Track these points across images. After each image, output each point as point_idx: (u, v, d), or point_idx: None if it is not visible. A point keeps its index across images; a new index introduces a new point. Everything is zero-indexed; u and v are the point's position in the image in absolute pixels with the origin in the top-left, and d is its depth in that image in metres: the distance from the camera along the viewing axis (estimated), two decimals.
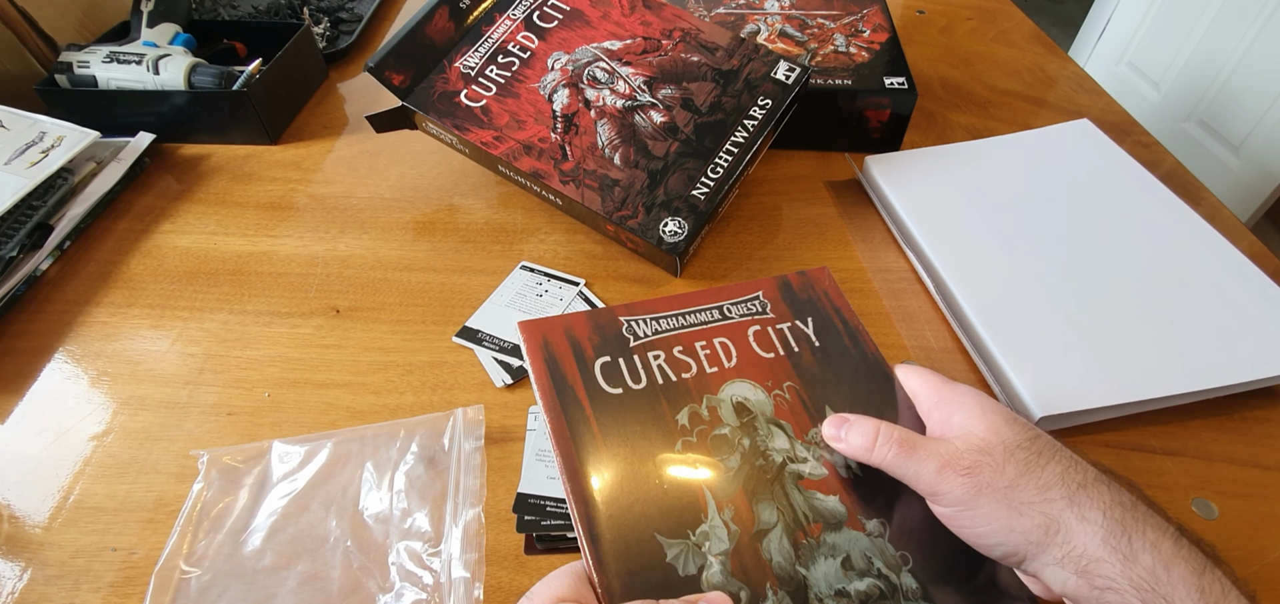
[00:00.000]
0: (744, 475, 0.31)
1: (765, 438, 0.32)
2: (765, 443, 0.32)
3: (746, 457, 0.31)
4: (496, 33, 0.61)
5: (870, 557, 0.29)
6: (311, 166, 0.67)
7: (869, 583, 0.29)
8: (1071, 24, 2.19)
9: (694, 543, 0.29)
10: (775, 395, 0.34)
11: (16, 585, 0.38)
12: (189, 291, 0.54)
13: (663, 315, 0.36)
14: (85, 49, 0.67)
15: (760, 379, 0.34)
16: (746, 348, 0.35)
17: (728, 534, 0.29)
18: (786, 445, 0.32)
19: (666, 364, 0.34)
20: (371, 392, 0.47)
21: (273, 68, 0.69)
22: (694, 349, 0.35)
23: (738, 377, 0.34)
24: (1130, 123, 0.74)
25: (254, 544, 0.38)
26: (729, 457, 0.31)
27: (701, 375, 0.34)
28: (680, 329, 0.35)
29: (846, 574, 0.29)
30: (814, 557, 0.29)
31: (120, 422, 0.45)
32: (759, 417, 0.33)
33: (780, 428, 0.33)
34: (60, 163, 0.58)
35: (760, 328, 0.36)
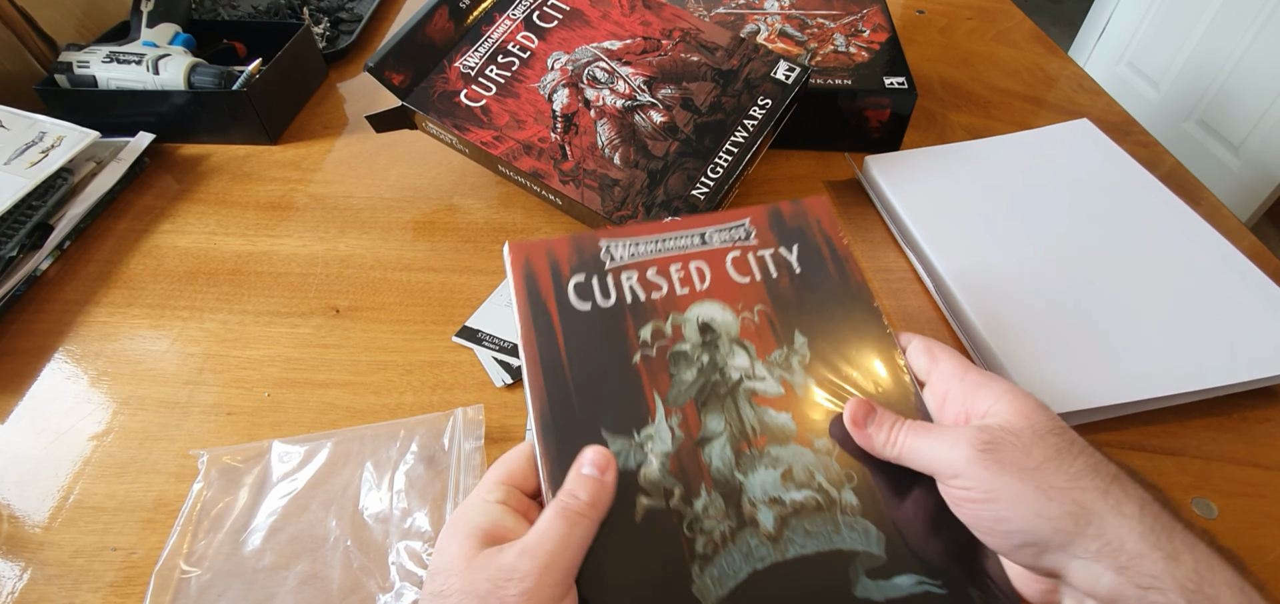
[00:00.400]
0: (697, 388, 0.32)
1: (726, 355, 0.33)
2: (725, 360, 0.33)
3: (703, 371, 0.33)
4: (496, 33, 0.61)
5: (813, 470, 0.31)
6: (311, 166, 0.67)
7: (806, 494, 0.30)
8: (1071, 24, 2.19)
9: (637, 442, 0.30)
10: (743, 317, 0.35)
11: (16, 585, 0.38)
12: (189, 291, 0.54)
13: (642, 239, 0.37)
14: (85, 49, 0.67)
15: (731, 301, 0.35)
16: (722, 272, 0.36)
17: (671, 438, 0.31)
18: (746, 364, 0.33)
19: (638, 284, 0.35)
20: (371, 391, 0.47)
21: (272, 68, 0.69)
22: (668, 272, 0.36)
23: (708, 298, 0.35)
24: (1130, 123, 0.74)
25: (254, 544, 0.38)
26: (686, 370, 0.33)
27: (671, 296, 0.35)
28: (657, 254, 0.36)
29: (785, 484, 0.30)
30: (754, 465, 0.30)
31: (120, 421, 0.45)
32: (723, 336, 0.34)
33: (743, 347, 0.34)
34: (60, 163, 0.58)
35: (740, 254, 0.37)
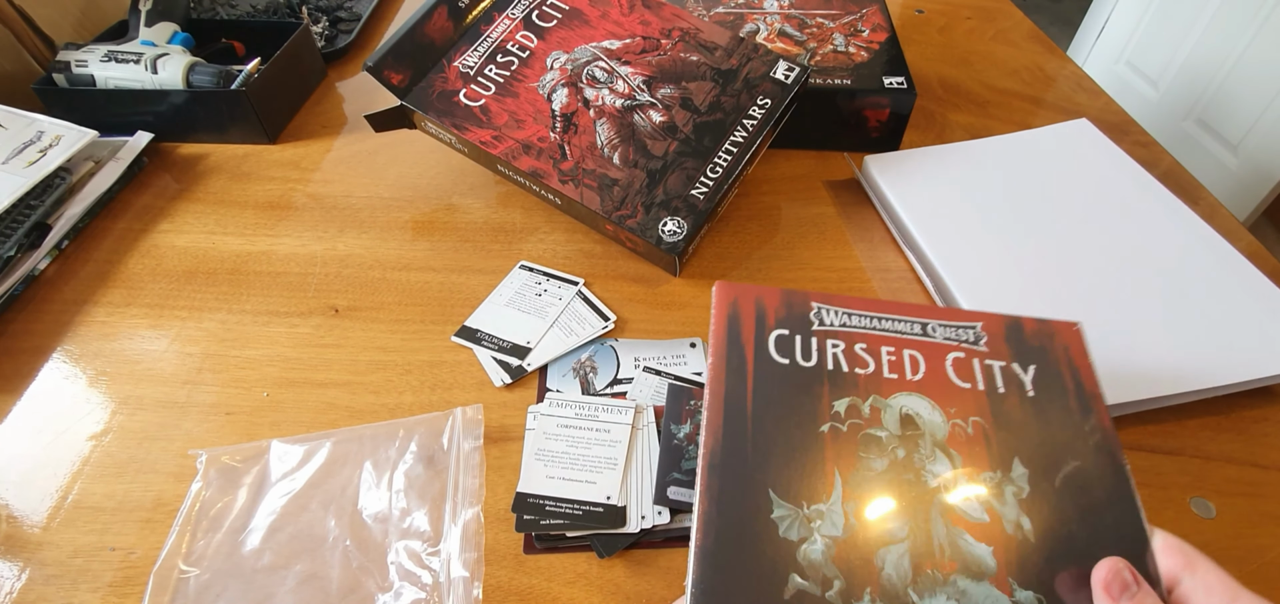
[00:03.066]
0: (886, 481, 0.29)
1: (925, 458, 0.30)
2: (923, 463, 0.29)
3: (896, 466, 0.29)
4: (495, 32, 0.61)
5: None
6: (310, 166, 0.67)
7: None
8: (1070, 23, 2.20)
9: (805, 515, 0.27)
10: (955, 423, 0.31)
11: (15, 585, 0.38)
12: (187, 291, 0.54)
13: (857, 313, 0.34)
14: (83, 48, 0.67)
15: (944, 402, 0.31)
16: (939, 369, 0.33)
17: (844, 523, 0.27)
18: (948, 474, 0.29)
19: (843, 355, 0.33)
20: (370, 391, 0.47)
21: (271, 67, 0.69)
22: (878, 351, 0.33)
23: (918, 391, 0.32)
24: (1129, 122, 0.74)
25: (253, 544, 0.38)
26: (876, 458, 0.29)
27: (876, 376, 0.32)
28: (870, 329, 0.34)
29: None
30: (934, 590, 0.26)
31: (119, 421, 0.45)
32: (926, 435, 0.30)
33: (948, 456, 0.30)
34: (58, 162, 0.58)
35: (964, 356, 0.33)
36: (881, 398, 0.31)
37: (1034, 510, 0.28)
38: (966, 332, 0.34)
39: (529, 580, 0.38)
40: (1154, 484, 0.42)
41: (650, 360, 0.48)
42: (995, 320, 0.35)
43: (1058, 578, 0.27)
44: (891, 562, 0.27)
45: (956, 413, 0.31)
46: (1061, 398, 0.32)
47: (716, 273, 0.55)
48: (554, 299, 0.53)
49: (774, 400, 0.31)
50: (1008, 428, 0.31)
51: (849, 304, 0.35)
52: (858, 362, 0.33)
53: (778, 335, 0.33)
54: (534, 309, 0.52)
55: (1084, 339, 0.35)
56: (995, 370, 0.33)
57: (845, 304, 0.35)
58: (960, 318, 0.35)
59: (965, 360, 0.33)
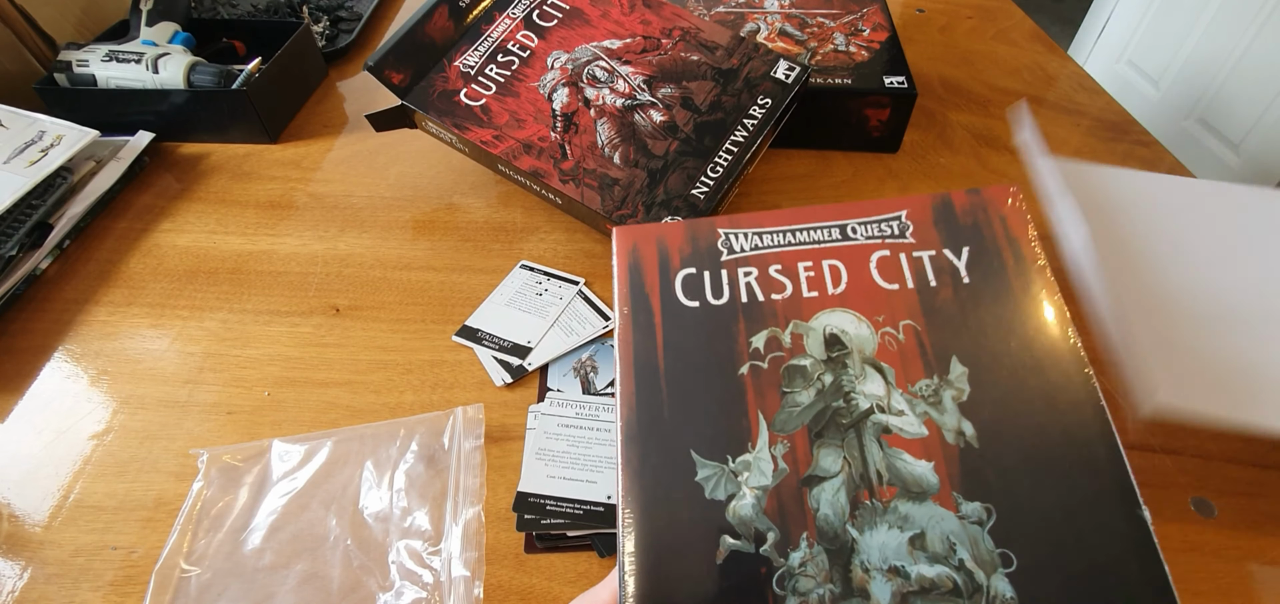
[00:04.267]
0: (813, 414, 0.27)
1: (855, 378, 0.27)
2: (852, 384, 0.27)
3: (823, 394, 0.27)
4: (496, 31, 0.61)
5: (954, 543, 0.24)
6: (311, 165, 0.67)
7: (940, 572, 0.23)
8: (1071, 22, 2.19)
9: (731, 470, 0.26)
10: (885, 333, 0.28)
11: (17, 584, 0.38)
12: (189, 290, 0.54)
13: (768, 230, 0.31)
14: (84, 48, 0.67)
15: (870, 312, 0.29)
16: (863, 274, 0.30)
17: (773, 470, 0.26)
18: (880, 392, 0.27)
19: (757, 282, 0.30)
20: (371, 390, 0.47)
21: (272, 66, 0.69)
22: (795, 269, 0.30)
23: (841, 305, 0.29)
24: (1130, 121, 0.74)
25: (254, 543, 0.38)
26: (801, 391, 0.27)
27: (795, 298, 0.29)
28: (785, 246, 0.30)
29: (912, 552, 0.24)
30: (874, 521, 0.24)
31: (120, 420, 0.45)
32: (854, 354, 0.28)
33: (879, 371, 0.27)
34: (59, 162, 0.58)
35: (889, 254, 0.30)
36: (802, 321, 0.29)
37: (977, 412, 0.26)
38: (890, 224, 0.31)
39: (530, 580, 0.38)
40: (1155, 483, 0.42)
41: None
42: (921, 203, 0.31)
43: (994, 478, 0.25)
44: (826, 500, 0.25)
45: (886, 320, 0.28)
46: (1000, 276, 0.29)
47: None
48: (555, 299, 0.53)
49: (687, 351, 0.28)
50: (942, 325, 0.28)
51: (760, 222, 0.31)
52: (773, 286, 0.30)
53: (685, 276, 0.30)
54: (535, 309, 0.52)
55: (1022, 203, 0.31)
56: (925, 262, 0.30)
57: (756, 223, 0.31)
58: (882, 209, 0.31)
59: (891, 258, 0.30)
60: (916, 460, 0.25)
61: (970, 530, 0.24)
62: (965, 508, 0.24)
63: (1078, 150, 0.70)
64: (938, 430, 0.26)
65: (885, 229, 0.31)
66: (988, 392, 0.26)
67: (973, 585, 0.23)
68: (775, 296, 0.29)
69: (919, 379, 0.27)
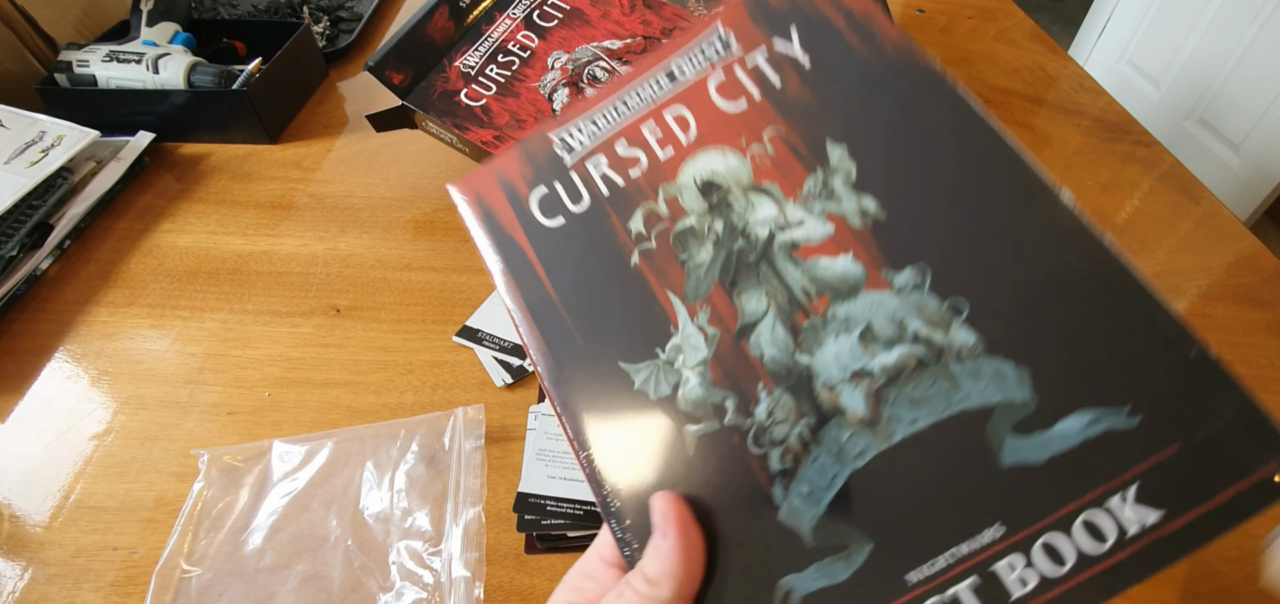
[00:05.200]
0: (720, 266, 0.25)
1: (743, 212, 0.26)
2: (744, 219, 0.26)
3: (720, 243, 0.26)
4: (496, 32, 0.61)
5: (901, 319, 0.23)
6: (311, 166, 0.67)
7: (901, 353, 0.22)
8: (1071, 23, 2.19)
9: (664, 360, 0.24)
10: (753, 153, 0.27)
11: (18, 585, 0.38)
12: (189, 291, 0.54)
13: (599, 111, 0.29)
14: (85, 48, 0.67)
15: (730, 141, 0.27)
16: (708, 109, 0.28)
17: (705, 340, 0.24)
18: (773, 212, 0.26)
19: (610, 169, 0.28)
20: (371, 391, 0.47)
21: (272, 67, 0.69)
22: (640, 137, 0.28)
23: (699, 150, 0.27)
24: (1130, 122, 0.74)
25: (254, 543, 0.38)
26: (698, 250, 0.26)
27: (654, 166, 0.27)
28: (622, 121, 0.29)
29: (867, 347, 0.23)
30: (819, 337, 0.23)
31: (121, 421, 0.45)
32: (732, 189, 0.26)
33: (764, 193, 0.26)
34: (60, 162, 0.58)
35: (724, 75, 0.28)
36: (670, 183, 0.27)
37: (870, 184, 0.25)
38: (711, 45, 0.29)
39: (530, 580, 0.38)
40: None
41: None
42: (732, 7, 0.29)
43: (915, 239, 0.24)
44: (766, 341, 0.24)
45: (749, 140, 0.27)
46: (836, 41, 0.27)
47: None
48: None
49: (573, 269, 0.27)
50: (804, 117, 0.27)
51: (588, 105, 0.29)
52: (627, 163, 0.28)
53: (538, 198, 0.28)
54: None
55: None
56: (761, 65, 0.28)
57: (583, 109, 0.29)
58: (697, 33, 0.29)
59: (727, 79, 0.28)
60: (834, 259, 0.24)
61: (911, 299, 0.23)
62: (898, 279, 0.23)
63: (1078, 150, 0.70)
64: (842, 220, 0.25)
65: (709, 52, 0.29)
66: (873, 158, 0.25)
67: (934, 349, 0.22)
68: (634, 173, 0.28)
69: (804, 180, 0.26)
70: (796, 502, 0.22)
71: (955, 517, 0.20)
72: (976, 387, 0.21)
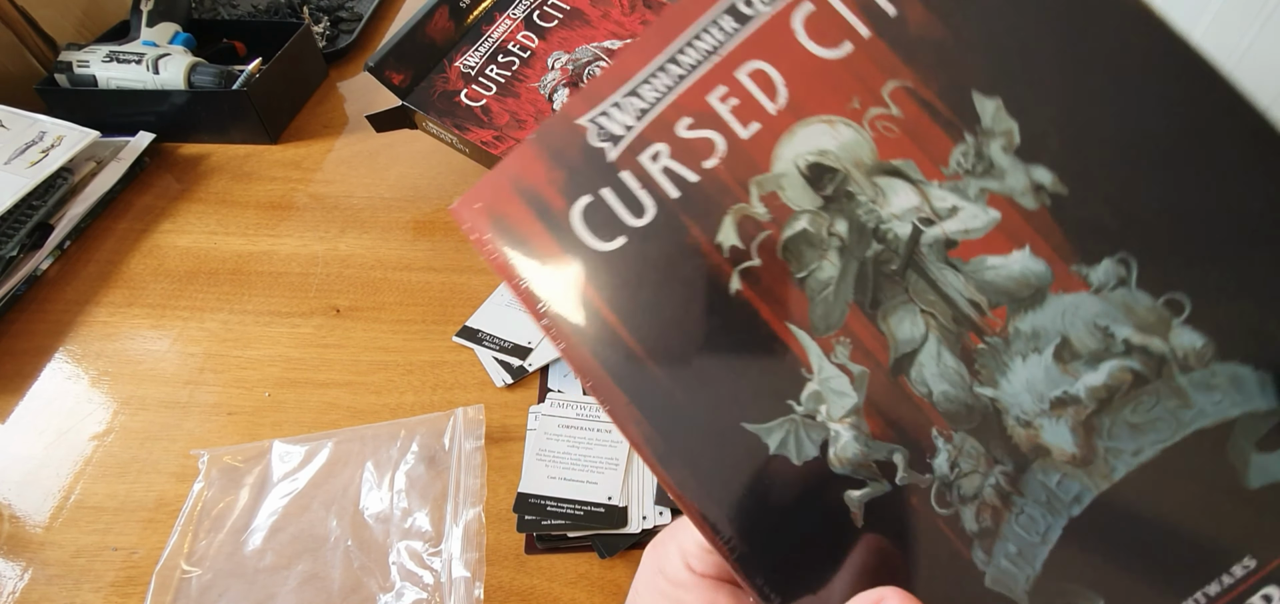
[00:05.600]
0: (852, 282, 0.19)
1: (873, 203, 0.19)
2: (874, 213, 0.19)
3: (848, 250, 0.19)
4: (497, 32, 0.61)
5: (1106, 326, 0.18)
6: (311, 166, 0.67)
7: (1112, 369, 0.18)
8: None
9: (803, 415, 0.19)
10: (875, 120, 0.20)
11: (18, 585, 0.38)
12: (189, 291, 0.54)
13: (644, 80, 0.21)
14: (85, 48, 0.67)
15: (839, 105, 0.20)
16: (799, 59, 0.20)
17: (850, 381, 0.19)
18: (914, 201, 0.19)
19: (676, 160, 0.20)
20: (372, 391, 0.47)
21: (272, 67, 0.69)
22: (710, 111, 0.20)
23: (798, 120, 0.20)
24: None
25: (255, 544, 0.38)
26: (818, 262, 0.19)
27: (737, 151, 0.20)
28: (677, 89, 0.21)
29: (1066, 367, 0.18)
30: (1002, 362, 0.18)
31: (121, 421, 0.45)
32: (852, 172, 0.20)
33: (897, 175, 0.20)
34: (60, 162, 0.58)
35: (814, 6, 0.20)
36: (765, 174, 0.20)
37: (1042, 147, 0.18)
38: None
39: (530, 581, 0.38)
40: None
41: None
42: None
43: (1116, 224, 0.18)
44: (932, 374, 0.18)
45: (864, 100, 0.20)
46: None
47: None
48: None
49: (650, 306, 0.20)
50: (936, 62, 0.20)
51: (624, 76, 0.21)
52: (698, 151, 0.20)
53: (583, 212, 0.20)
54: None
55: None
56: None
57: (619, 80, 0.21)
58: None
59: (819, 10, 0.20)
60: (1006, 256, 0.19)
61: (1116, 299, 0.18)
62: (1095, 274, 0.18)
63: None
64: (1009, 202, 0.19)
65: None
66: (1042, 112, 0.19)
67: (1154, 360, 0.17)
68: (709, 163, 0.20)
69: (949, 151, 0.19)
70: (1005, 563, 0.18)
71: (1198, 555, 0.17)
72: (1211, 400, 0.17)
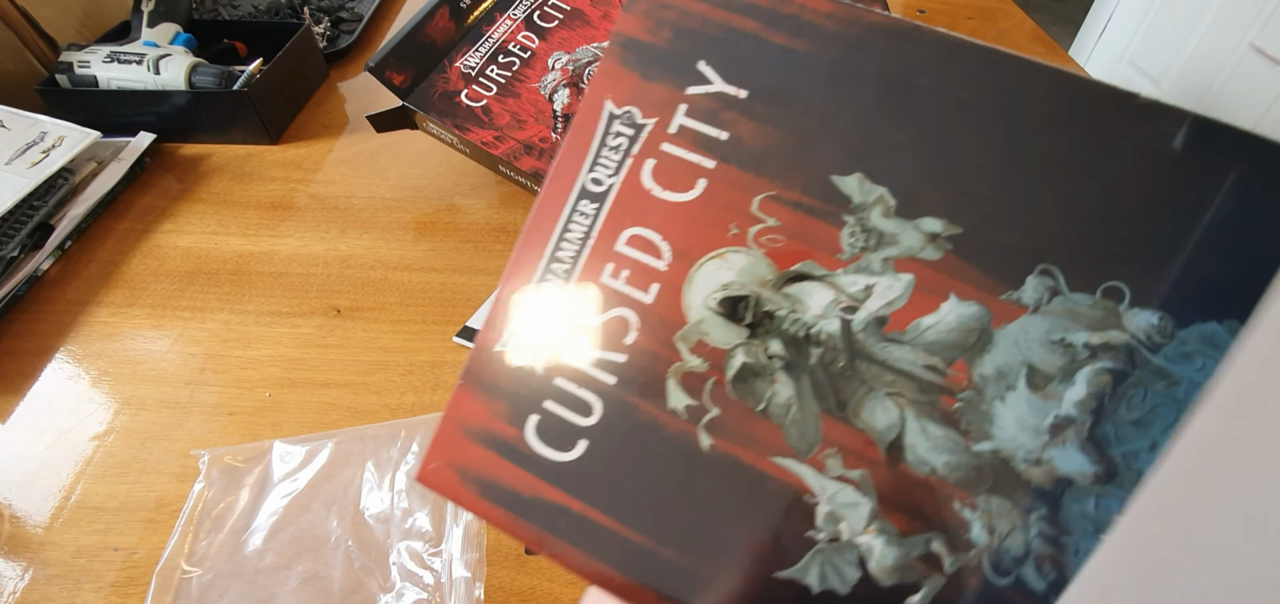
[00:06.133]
0: (811, 395, 0.19)
1: (793, 313, 0.19)
2: (799, 321, 0.19)
3: (793, 367, 0.19)
4: (497, 32, 0.61)
5: (1061, 337, 0.18)
6: (312, 166, 0.67)
7: (1087, 376, 0.17)
8: (1072, 23, 2.19)
9: (825, 538, 0.18)
10: (759, 236, 0.20)
11: (18, 585, 0.38)
12: (190, 291, 0.54)
13: (534, 285, 0.21)
14: (86, 49, 0.67)
15: (719, 237, 0.20)
16: (665, 212, 0.20)
17: (855, 488, 0.18)
18: (828, 295, 0.19)
19: (598, 349, 0.20)
20: (372, 391, 0.47)
21: (273, 67, 0.69)
22: (608, 291, 0.20)
23: (690, 266, 0.20)
24: None
25: (255, 544, 0.38)
26: (769, 389, 0.19)
27: (649, 319, 0.20)
28: (568, 282, 0.21)
29: (1044, 395, 0.18)
30: (984, 413, 0.18)
31: (121, 421, 0.45)
32: (762, 294, 0.20)
33: (803, 279, 0.19)
34: (61, 163, 0.58)
35: (656, 161, 0.21)
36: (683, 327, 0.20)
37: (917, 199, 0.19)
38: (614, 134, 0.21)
39: (531, 581, 0.38)
40: None
41: None
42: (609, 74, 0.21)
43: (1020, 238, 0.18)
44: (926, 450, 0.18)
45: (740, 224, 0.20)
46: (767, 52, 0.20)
47: None
48: None
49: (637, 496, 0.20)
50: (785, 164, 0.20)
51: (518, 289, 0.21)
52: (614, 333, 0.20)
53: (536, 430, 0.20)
54: None
55: None
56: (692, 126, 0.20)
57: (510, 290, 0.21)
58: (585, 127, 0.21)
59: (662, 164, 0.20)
60: (938, 311, 0.19)
61: (1057, 308, 0.18)
62: (1027, 295, 0.18)
63: None
64: (914, 260, 0.19)
65: (617, 143, 0.21)
66: (901, 168, 0.19)
67: (1121, 352, 0.17)
68: (629, 340, 0.20)
69: (838, 236, 0.19)
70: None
71: None
72: (1193, 367, 0.17)
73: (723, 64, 0.20)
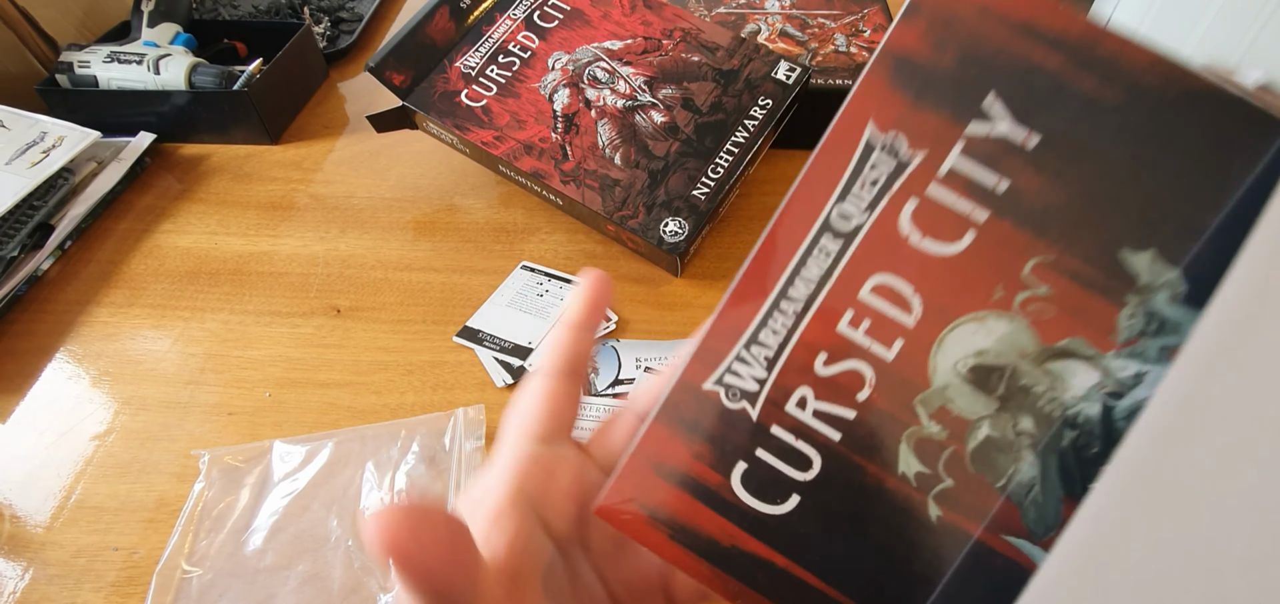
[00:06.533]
0: (1057, 477, 0.18)
1: (1051, 391, 0.18)
2: (1057, 400, 0.18)
3: (1042, 446, 0.18)
4: (497, 32, 0.61)
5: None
6: (312, 166, 0.67)
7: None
8: None
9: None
10: (1026, 304, 0.18)
11: (19, 585, 0.38)
12: (190, 291, 0.54)
13: (761, 325, 0.19)
14: (86, 49, 0.67)
15: (982, 299, 0.18)
16: (922, 263, 0.18)
17: None
18: (1093, 377, 0.17)
19: (826, 402, 0.19)
20: (372, 391, 0.47)
21: (273, 67, 0.69)
22: (845, 343, 0.19)
23: (943, 326, 0.18)
24: None
25: (255, 544, 0.38)
26: (1015, 466, 0.18)
27: (890, 376, 0.18)
28: (800, 323, 0.19)
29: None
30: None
31: (122, 421, 0.45)
32: (1019, 365, 0.18)
33: (1068, 356, 0.18)
34: (61, 163, 0.58)
35: (918, 204, 0.18)
36: (926, 390, 0.18)
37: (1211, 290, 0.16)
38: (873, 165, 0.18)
39: None
40: None
41: (652, 361, 0.48)
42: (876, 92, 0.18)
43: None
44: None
45: (1006, 288, 0.18)
46: (1067, 97, 0.17)
47: (718, 273, 0.55)
48: (556, 300, 0.53)
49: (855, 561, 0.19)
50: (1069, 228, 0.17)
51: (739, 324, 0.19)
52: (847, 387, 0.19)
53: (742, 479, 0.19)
54: (535, 310, 0.52)
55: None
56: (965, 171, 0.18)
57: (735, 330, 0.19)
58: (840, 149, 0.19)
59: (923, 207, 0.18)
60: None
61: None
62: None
63: None
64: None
65: (874, 175, 0.19)
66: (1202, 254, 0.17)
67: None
68: (863, 395, 0.19)
69: (1114, 317, 0.17)
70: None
71: None
72: None
73: (1015, 102, 0.17)
